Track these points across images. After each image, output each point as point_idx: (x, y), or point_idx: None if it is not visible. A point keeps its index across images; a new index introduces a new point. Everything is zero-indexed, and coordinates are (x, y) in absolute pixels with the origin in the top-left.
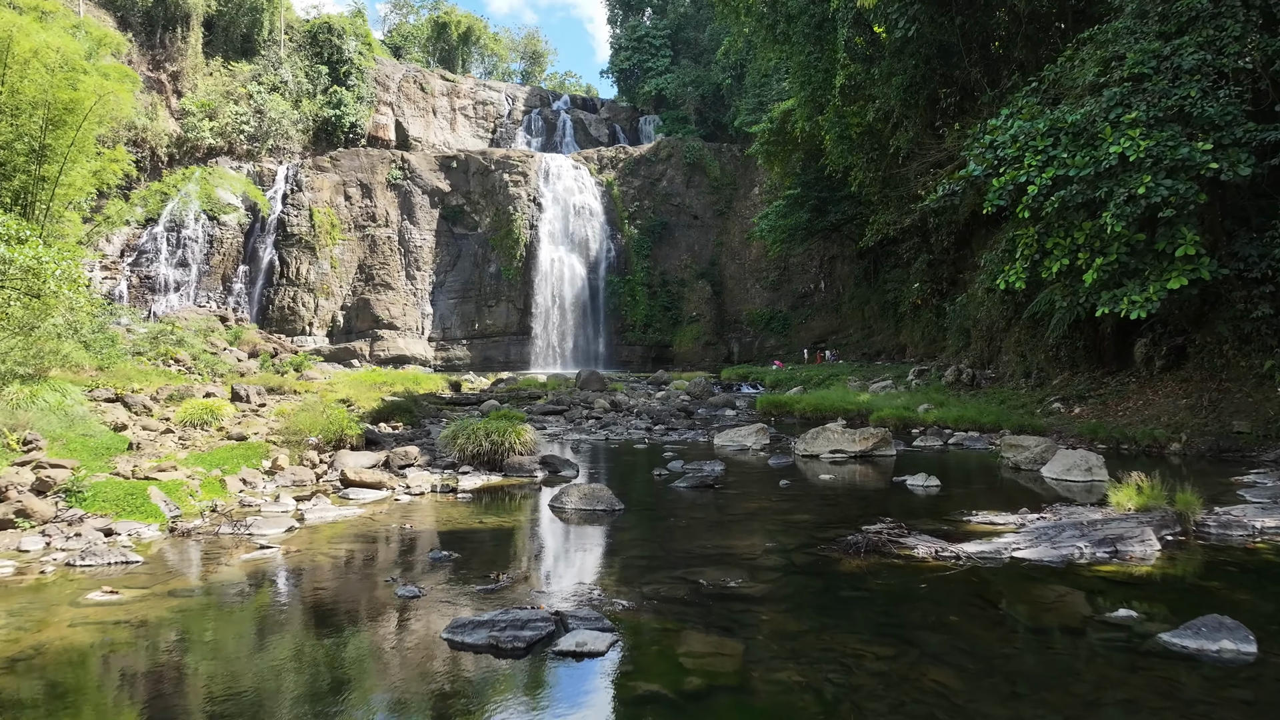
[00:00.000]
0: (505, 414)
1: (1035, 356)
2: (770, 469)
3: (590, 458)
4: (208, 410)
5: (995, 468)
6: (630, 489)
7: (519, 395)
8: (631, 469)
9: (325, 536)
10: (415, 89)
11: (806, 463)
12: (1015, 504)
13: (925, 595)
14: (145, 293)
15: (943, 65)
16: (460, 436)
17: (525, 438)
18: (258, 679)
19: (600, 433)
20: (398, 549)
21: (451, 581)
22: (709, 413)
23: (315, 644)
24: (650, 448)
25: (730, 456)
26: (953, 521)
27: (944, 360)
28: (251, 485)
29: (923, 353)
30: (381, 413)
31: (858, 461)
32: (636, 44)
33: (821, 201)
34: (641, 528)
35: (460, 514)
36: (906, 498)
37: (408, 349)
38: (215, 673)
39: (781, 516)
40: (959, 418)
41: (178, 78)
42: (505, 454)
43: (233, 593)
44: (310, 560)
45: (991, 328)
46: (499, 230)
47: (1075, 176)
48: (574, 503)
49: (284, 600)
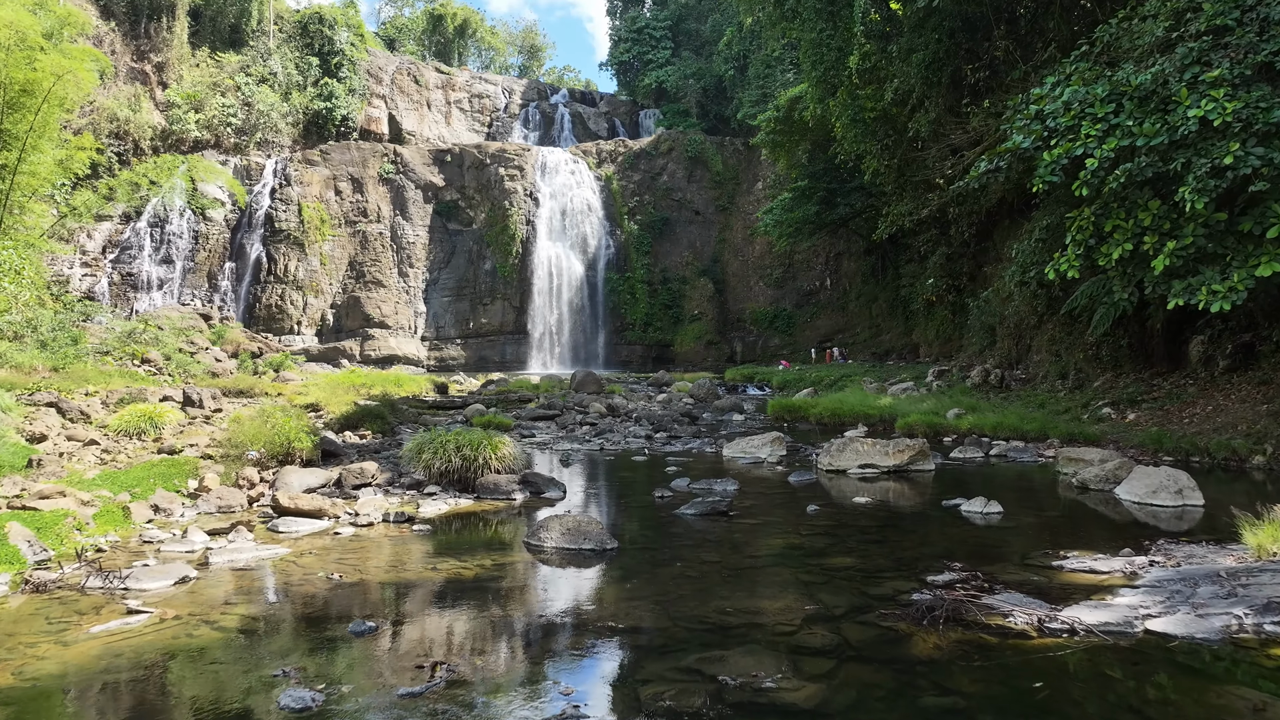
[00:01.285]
0: (491, 419)
1: (1072, 356)
2: (792, 488)
3: (582, 473)
4: (147, 418)
5: (1056, 486)
6: (626, 517)
7: (508, 398)
8: (629, 488)
9: (223, 593)
10: (409, 81)
11: (833, 480)
12: (1106, 539)
13: (1049, 705)
14: (127, 290)
15: (968, 39)
16: (426, 451)
17: (504, 452)
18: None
19: (595, 441)
20: (311, 615)
21: (368, 675)
22: (715, 418)
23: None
24: (651, 461)
25: (743, 471)
26: (1039, 567)
27: (965, 360)
28: (165, 513)
29: (938, 352)
30: (351, 419)
31: (892, 478)
32: (636, 36)
33: (830, 193)
34: (639, 577)
35: (412, 554)
36: (966, 529)
37: (400, 349)
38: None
39: (818, 560)
40: (997, 425)
41: (162, 69)
42: (479, 471)
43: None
44: (183, 636)
45: (1020, 324)
46: (494, 226)
47: (1144, 147)
48: (555, 539)
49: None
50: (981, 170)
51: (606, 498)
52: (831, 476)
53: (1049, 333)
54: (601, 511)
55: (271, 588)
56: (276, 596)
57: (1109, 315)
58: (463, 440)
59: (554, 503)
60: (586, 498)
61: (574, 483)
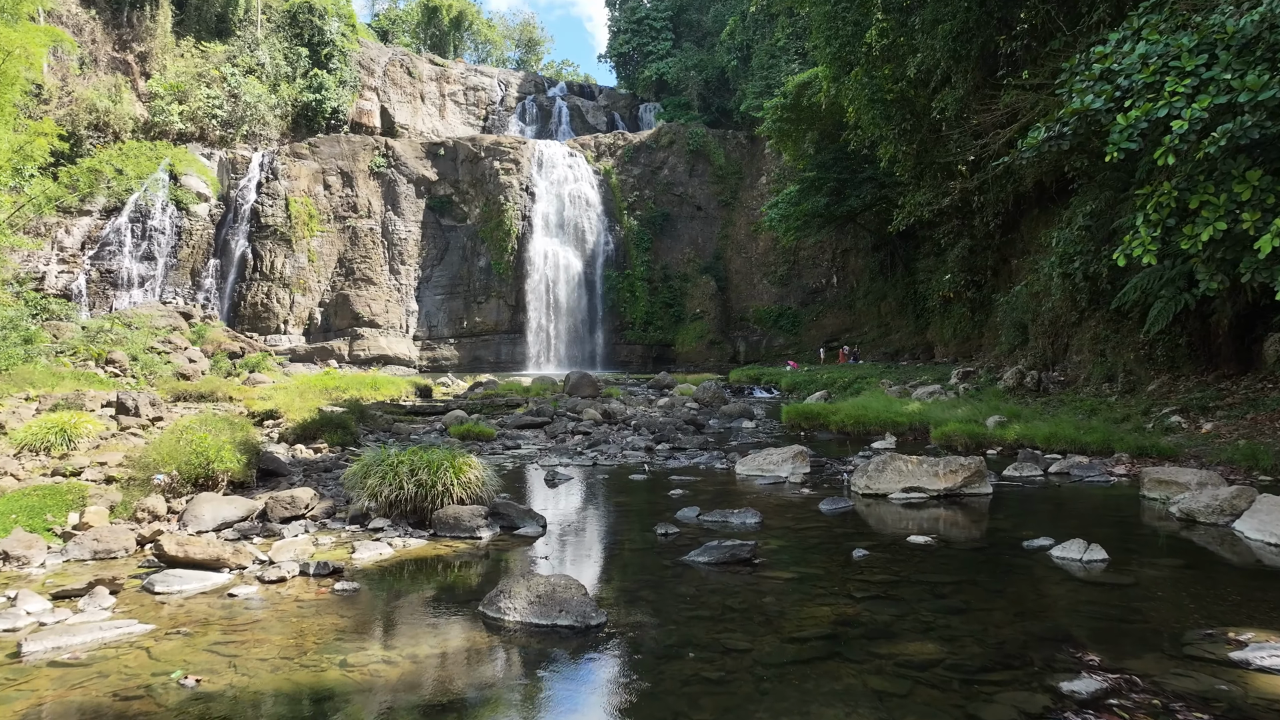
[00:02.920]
0: (470, 428)
1: (1120, 356)
2: (826, 520)
3: (569, 497)
4: (58, 430)
5: (1149, 516)
6: (619, 568)
7: (494, 403)
8: (624, 519)
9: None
10: (402, 73)
11: (872, 507)
12: (1260, 602)
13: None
14: (106, 288)
15: (1000, 6)
16: (373, 475)
17: (470, 476)
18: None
19: (588, 454)
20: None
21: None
22: (722, 425)
23: None
24: (651, 481)
25: (762, 495)
26: (1213, 662)
27: (990, 360)
28: (19, 562)
29: (955, 352)
30: (308, 429)
31: (943, 504)
32: (636, 26)
33: (840, 184)
34: (635, 683)
35: (321, 633)
36: (1069, 587)
37: (390, 348)
38: None
39: (886, 645)
40: (1050, 436)
41: (145, 59)
42: (439, 501)
43: None
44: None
45: (1056, 321)
46: (489, 222)
47: (1249, 103)
48: (521, 609)
49: None
50: (1040, 138)
51: (595, 535)
52: (870, 502)
53: (1092, 330)
54: (587, 559)
55: (79, 710)
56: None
57: (1168, 310)
58: (420, 462)
59: (531, 541)
60: (570, 535)
61: (557, 510)
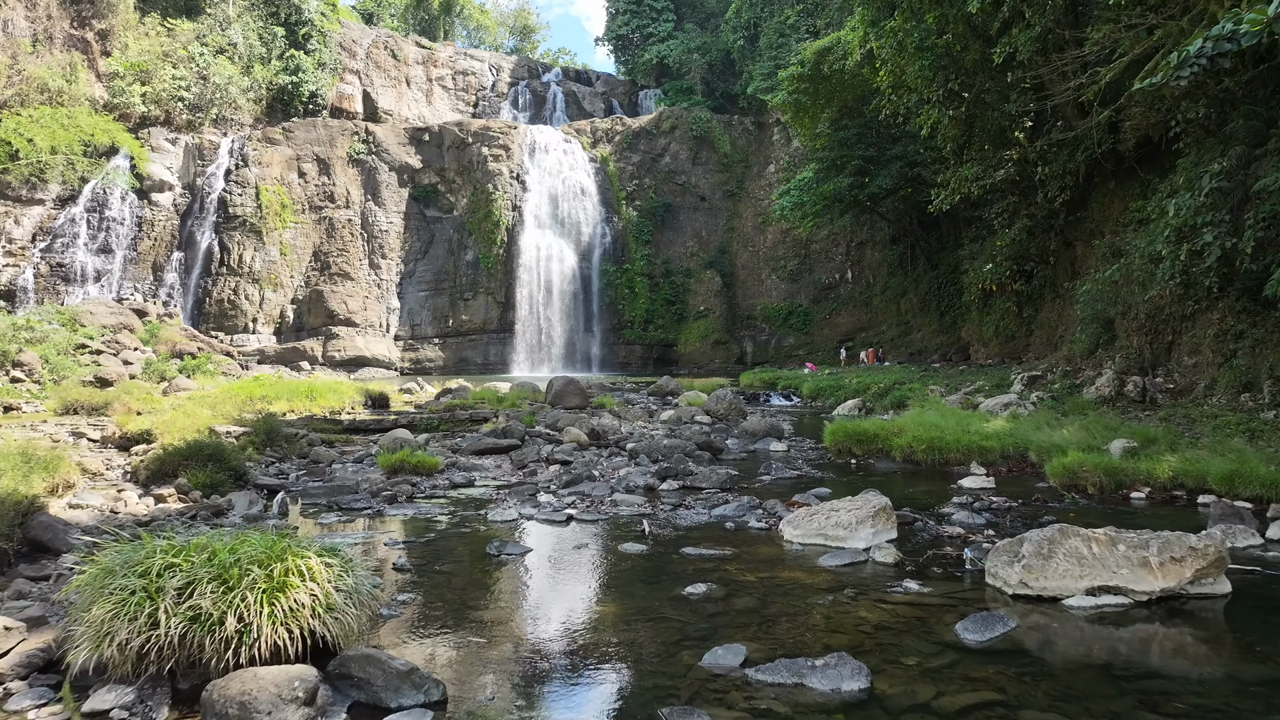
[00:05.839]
0: (405, 457)
1: (1263, 358)
2: (983, 667)
3: (509, 602)
4: None
5: None
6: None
7: (457, 417)
8: (600, 679)
9: None
10: (386, 56)
11: (1041, 624)
12: None
13: None
14: (57, 283)
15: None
16: (107, 600)
17: (299, 595)
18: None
19: (564, 498)
20: None
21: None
22: (744, 447)
23: None
24: (653, 557)
25: (834, 588)
26: None
27: (1058, 363)
28: None
29: (999, 352)
30: (167, 464)
31: (1161, 619)
32: (635, 7)
33: (866, 162)
34: None
35: None
36: None
37: (368, 349)
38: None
39: None
40: (1234, 474)
41: (106, 36)
42: (231, 649)
43: None
44: None
45: (1157, 315)
46: (477, 212)
47: None
48: None
49: None
50: (1192, 52)
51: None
52: (1032, 613)
53: (1215, 324)
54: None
55: None
56: None
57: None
58: (201, 569)
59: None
60: (488, 715)
61: (482, 641)
